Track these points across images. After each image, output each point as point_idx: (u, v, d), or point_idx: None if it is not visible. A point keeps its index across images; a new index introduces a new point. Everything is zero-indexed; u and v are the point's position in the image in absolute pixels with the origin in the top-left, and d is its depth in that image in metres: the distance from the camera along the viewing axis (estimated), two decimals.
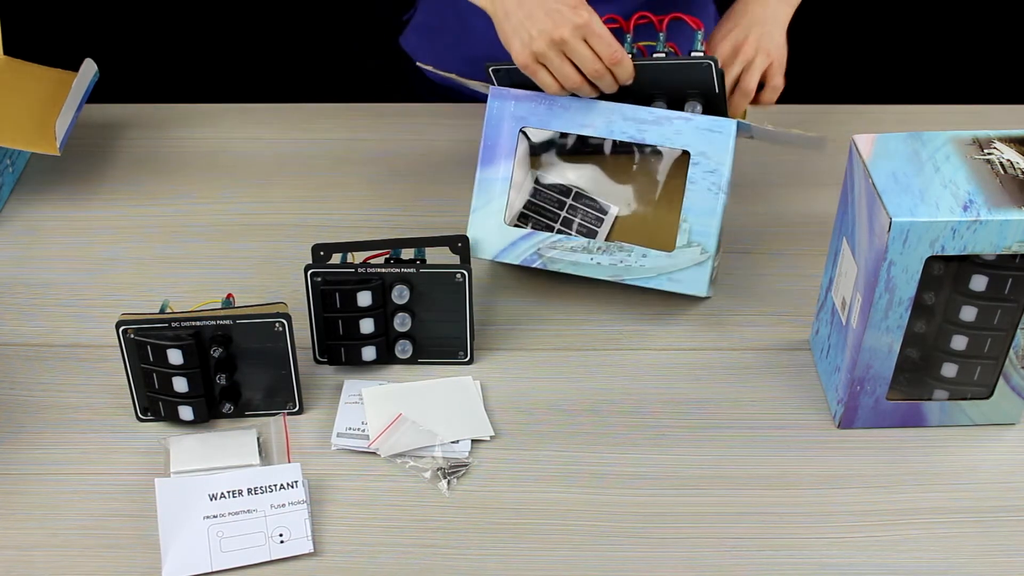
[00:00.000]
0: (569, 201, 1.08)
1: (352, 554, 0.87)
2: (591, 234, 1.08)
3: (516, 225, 1.06)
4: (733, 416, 0.98)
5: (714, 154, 1.00)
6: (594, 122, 1.02)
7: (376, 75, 1.51)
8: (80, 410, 0.98)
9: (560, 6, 0.97)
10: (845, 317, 0.94)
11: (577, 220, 1.08)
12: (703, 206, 1.01)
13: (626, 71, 1.00)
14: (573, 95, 1.03)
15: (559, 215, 1.08)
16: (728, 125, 1.00)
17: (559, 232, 1.07)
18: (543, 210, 1.08)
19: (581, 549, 0.87)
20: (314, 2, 2.17)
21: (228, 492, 0.90)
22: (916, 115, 1.34)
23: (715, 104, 1.03)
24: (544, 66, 1.00)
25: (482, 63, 1.06)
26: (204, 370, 0.94)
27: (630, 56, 1.00)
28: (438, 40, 1.33)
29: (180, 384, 0.93)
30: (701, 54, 1.03)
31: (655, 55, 1.04)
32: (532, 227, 1.07)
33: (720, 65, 1.02)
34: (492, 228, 1.04)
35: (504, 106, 1.04)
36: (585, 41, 0.98)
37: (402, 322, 1.00)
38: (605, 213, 1.09)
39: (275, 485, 0.90)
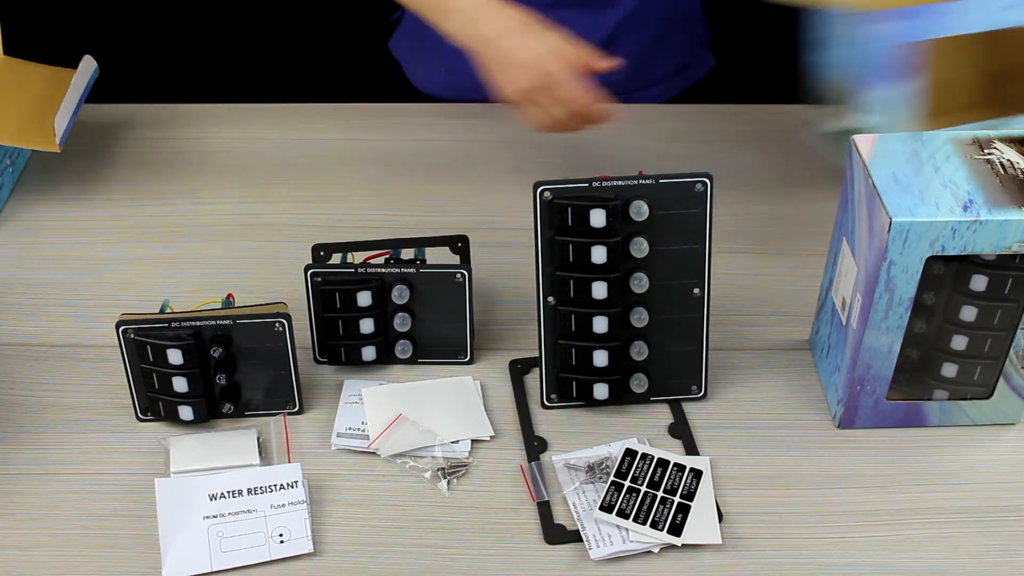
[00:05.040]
0: None
1: (352, 554, 0.87)
2: None
3: None
4: (733, 416, 0.98)
5: None
6: None
7: (376, 75, 1.51)
8: (80, 410, 0.98)
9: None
10: (845, 317, 0.94)
11: None
12: None
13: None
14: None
15: None
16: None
17: None
18: None
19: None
20: (313, 2, 2.17)
21: (228, 492, 0.90)
22: None
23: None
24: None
25: (467, 63, 1.07)
26: (204, 370, 0.94)
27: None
28: (425, 43, 1.32)
29: (180, 384, 0.93)
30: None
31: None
32: None
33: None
34: None
35: None
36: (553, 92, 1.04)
37: (402, 322, 1.00)
38: None
39: (275, 485, 0.90)
